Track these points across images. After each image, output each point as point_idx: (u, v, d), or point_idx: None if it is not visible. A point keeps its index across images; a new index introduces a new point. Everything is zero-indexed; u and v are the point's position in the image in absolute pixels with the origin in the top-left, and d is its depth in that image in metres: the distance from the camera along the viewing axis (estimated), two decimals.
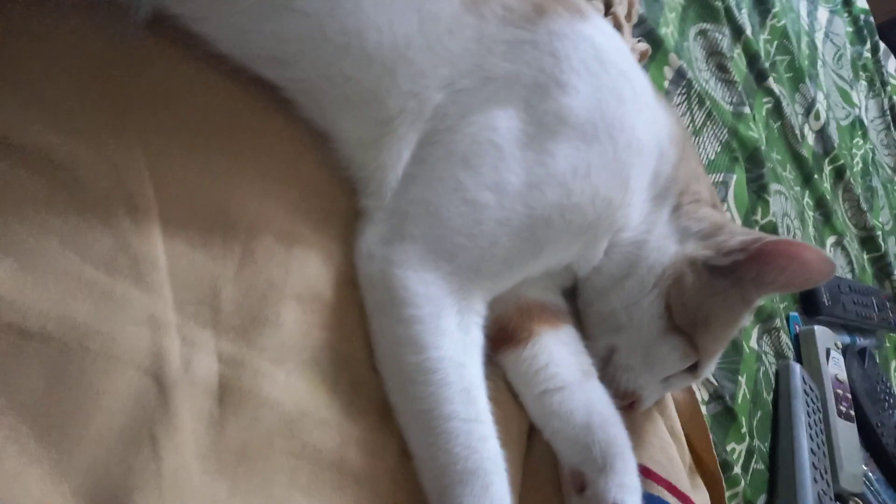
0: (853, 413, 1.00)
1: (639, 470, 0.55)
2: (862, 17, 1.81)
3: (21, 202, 0.39)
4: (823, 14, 1.68)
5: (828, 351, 1.02)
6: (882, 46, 1.88)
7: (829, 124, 1.45)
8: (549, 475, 0.57)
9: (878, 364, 1.22)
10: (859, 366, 1.11)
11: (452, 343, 0.48)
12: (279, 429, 0.44)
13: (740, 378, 0.85)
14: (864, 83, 1.77)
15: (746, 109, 1.10)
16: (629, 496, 0.52)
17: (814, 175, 1.31)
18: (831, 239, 1.32)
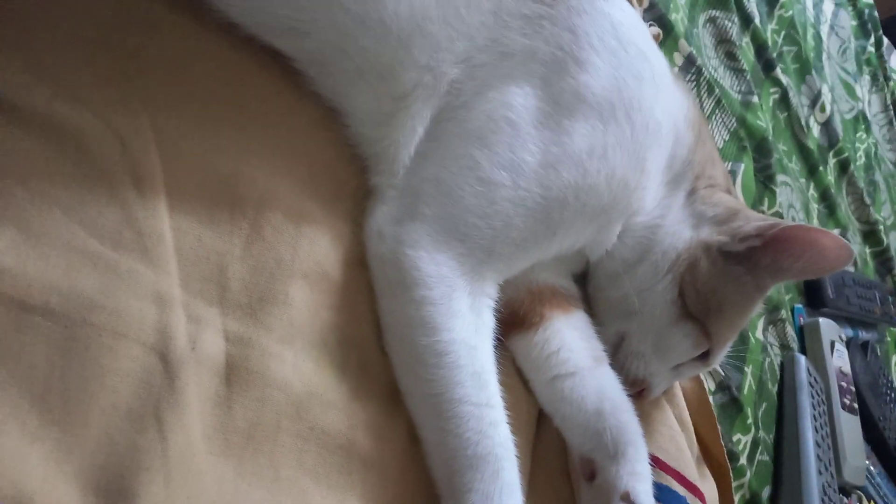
0: (856, 406, 1.00)
1: None
2: (866, 12, 1.80)
3: (24, 171, 0.38)
4: (829, 7, 1.67)
5: (832, 343, 1.02)
6: (885, 41, 1.87)
7: (834, 117, 1.44)
8: (558, 462, 0.57)
9: (880, 358, 1.22)
10: (862, 359, 1.10)
11: (464, 325, 0.47)
12: (287, 410, 0.43)
13: (746, 369, 0.84)
14: (868, 77, 1.76)
15: (755, 98, 1.09)
16: (641, 484, 0.51)
17: (819, 167, 1.30)
18: (835, 231, 1.31)
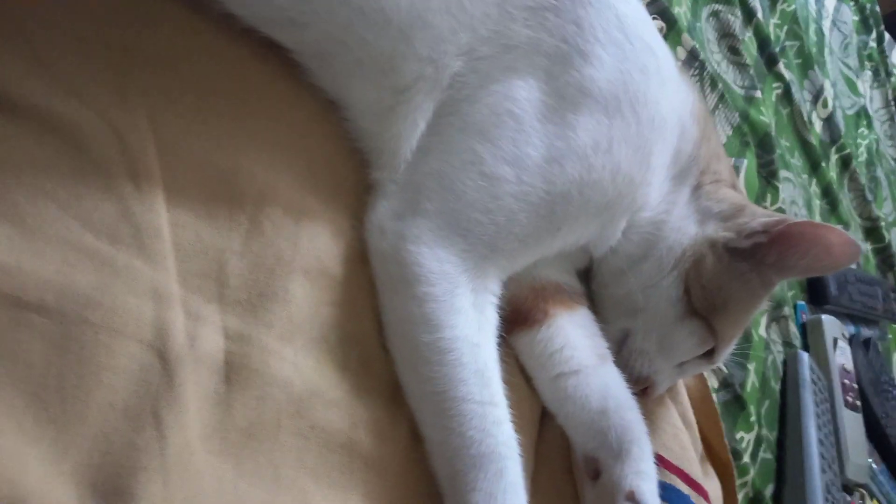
0: (859, 404, 0.99)
1: None
2: (868, 7, 1.79)
3: (18, 165, 0.37)
4: (831, 1, 1.66)
5: (835, 340, 1.01)
6: (887, 37, 1.86)
7: (836, 113, 1.43)
8: (562, 461, 0.56)
9: (882, 355, 1.22)
10: (864, 356, 1.10)
11: (467, 322, 0.47)
12: (287, 408, 0.43)
13: (749, 366, 0.83)
14: (870, 73, 1.75)
15: (758, 93, 1.08)
16: (646, 483, 0.50)
17: (821, 163, 1.29)
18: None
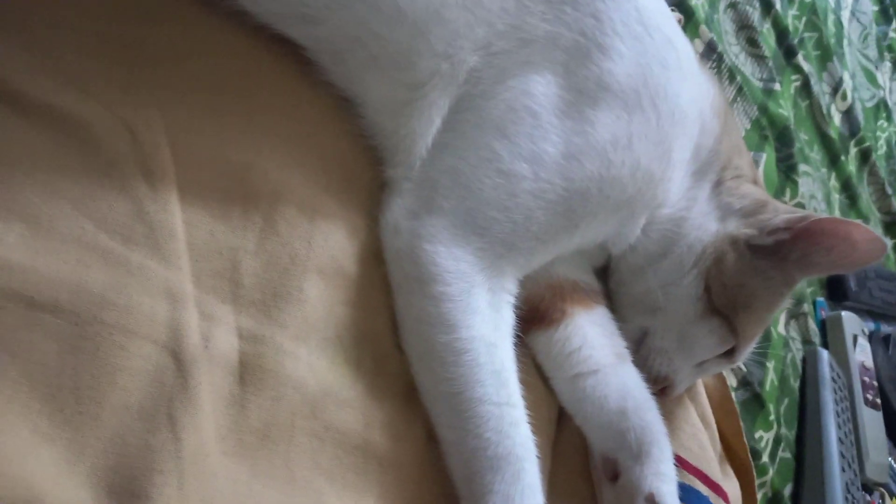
0: (879, 402, 0.98)
1: None
2: None
3: (31, 163, 0.37)
4: None
5: (855, 337, 0.99)
6: None
7: (855, 105, 1.41)
8: (579, 462, 0.55)
9: None
10: (884, 353, 1.08)
11: (483, 322, 0.46)
12: (301, 409, 0.42)
13: (768, 364, 0.82)
14: (889, 64, 1.71)
15: (776, 86, 1.06)
16: (666, 485, 0.50)
17: (840, 157, 1.27)
18: None
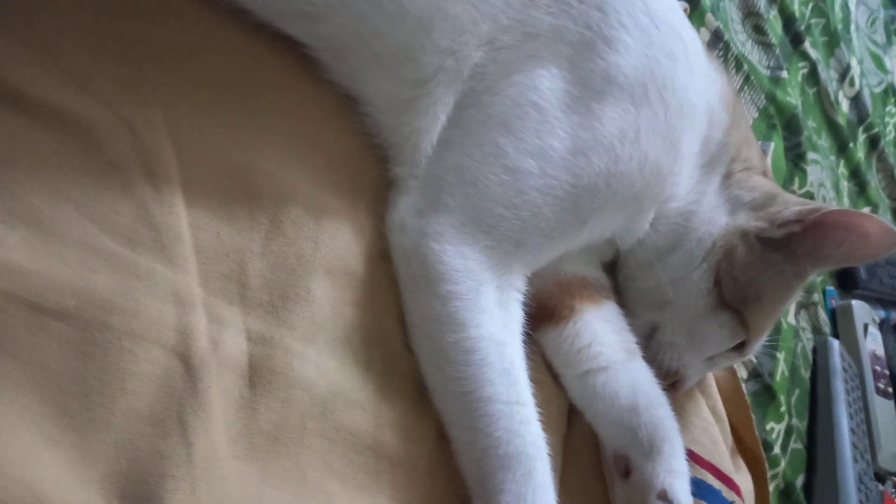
0: (891, 391, 0.97)
1: None
2: None
3: (33, 165, 0.37)
4: None
5: (865, 326, 0.99)
6: None
7: (863, 91, 1.39)
8: (590, 458, 0.55)
9: None
10: (895, 342, 1.07)
11: (492, 321, 0.46)
12: (311, 411, 0.42)
13: (778, 355, 0.82)
14: None
15: (784, 74, 1.05)
16: (678, 481, 0.49)
17: (848, 144, 1.26)
18: (865, 210, 1.27)
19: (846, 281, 1.06)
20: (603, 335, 0.54)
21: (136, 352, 0.36)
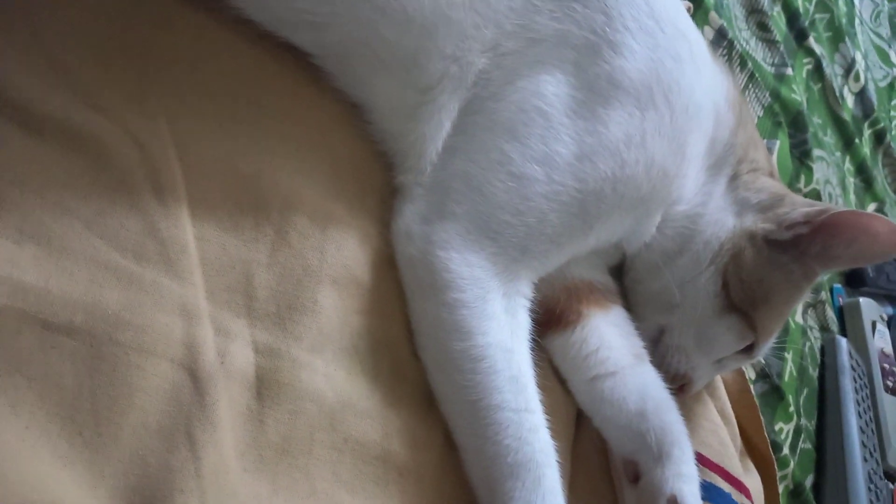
0: None
1: None
2: None
3: (41, 181, 0.37)
4: None
5: (873, 324, 0.98)
6: None
7: (868, 86, 1.38)
8: (599, 464, 0.55)
9: None
10: None
11: (499, 328, 0.45)
12: (320, 422, 0.42)
13: (786, 355, 0.81)
14: None
15: (788, 71, 1.04)
16: (688, 486, 0.49)
17: (854, 139, 1.25)
18: (872, 206, 1.27)
19: (853, 278, 1.06)
20: (611, 340, 0.54)
21: (144, 366, 0.36)
